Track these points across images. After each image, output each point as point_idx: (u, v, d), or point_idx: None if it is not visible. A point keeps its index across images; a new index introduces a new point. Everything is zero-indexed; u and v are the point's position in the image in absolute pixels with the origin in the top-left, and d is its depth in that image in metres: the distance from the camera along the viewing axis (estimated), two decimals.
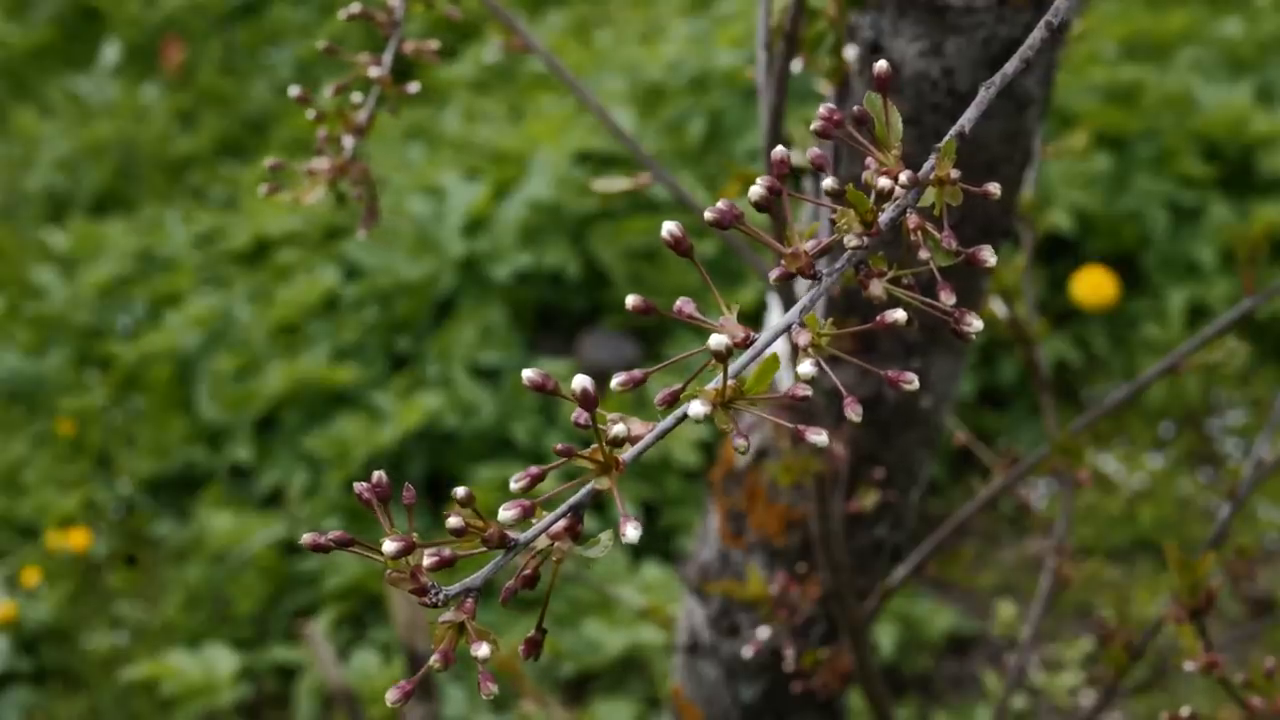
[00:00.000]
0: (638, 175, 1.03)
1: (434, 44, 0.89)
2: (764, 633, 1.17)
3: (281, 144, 3.34)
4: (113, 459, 2.65)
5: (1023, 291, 1.21)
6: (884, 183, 0.50)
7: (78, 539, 2.46)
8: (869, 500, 1.12)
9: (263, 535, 2.39)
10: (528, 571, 0.49)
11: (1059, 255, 2.74)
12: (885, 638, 2.24)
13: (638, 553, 2.42)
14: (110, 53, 3.76)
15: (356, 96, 0.87)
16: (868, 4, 0.96)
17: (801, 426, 0.48)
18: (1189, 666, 0.78)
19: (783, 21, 0.91)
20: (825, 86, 0.97)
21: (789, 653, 1.16)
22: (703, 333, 0.48)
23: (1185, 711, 0.82)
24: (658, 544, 2.44)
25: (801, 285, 0.51)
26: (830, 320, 0.50)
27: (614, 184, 1.05)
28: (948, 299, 0.50)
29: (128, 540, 2.56)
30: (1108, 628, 1.07)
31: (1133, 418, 2.66)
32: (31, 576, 2.43)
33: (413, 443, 2.49)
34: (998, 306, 1.20)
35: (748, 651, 1.18)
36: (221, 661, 2.26)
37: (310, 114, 0.84)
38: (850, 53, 0.97)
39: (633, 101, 2.92)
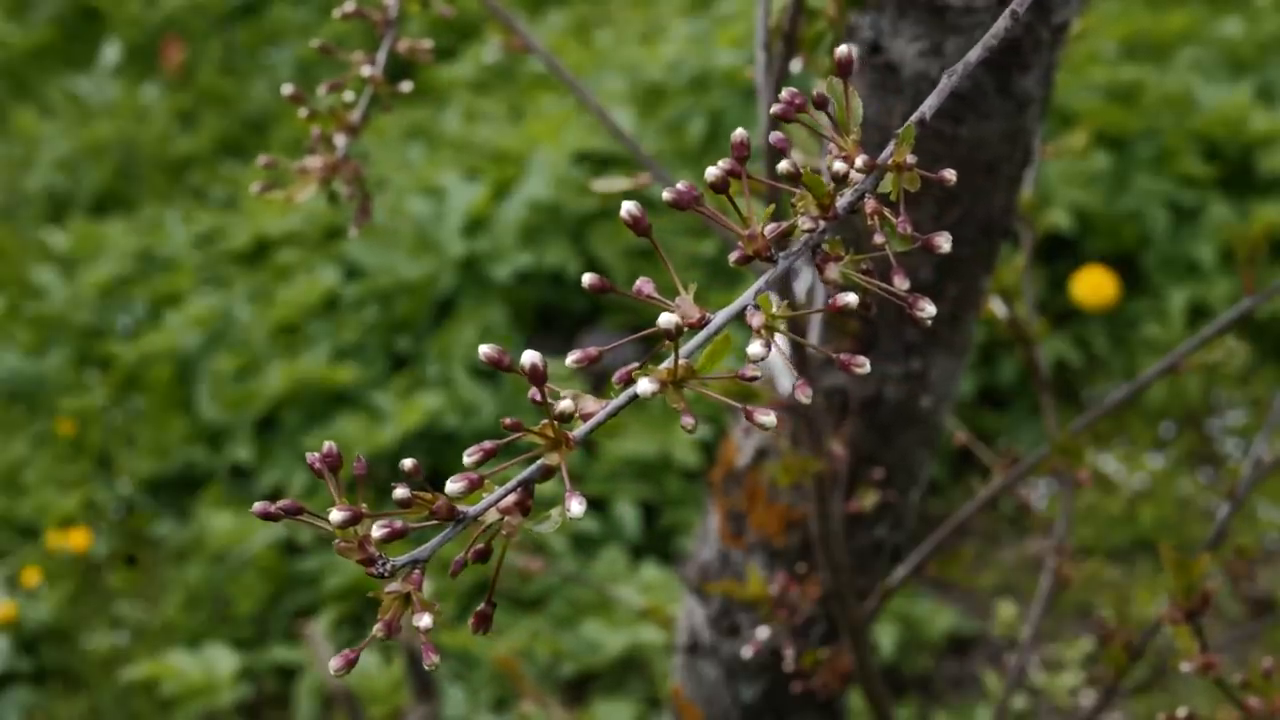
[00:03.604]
0: (637, 175, 1.03)
1: (428, 43, 0.89)
2: (764, 633, 1.17)
3: (282, 144, 3.34)
4: (113, 459, 2.65)
5: (1023, 291, 1.21)
6: (839, 166, 0.50)
7: (78, 539, 2.46)
8: (869, 500, 1.12)
9: (263, 535, 2.39)
10: (480, 546, 0.49)
11: (1059, 255, 2.74)
12: (885, 638, 2.24)
13: (638, 553, 2.42)
14: (110, 53, 3.76)
15: (349, 95, 0.87)
16: (867, 4, 0.96)
17: (750, 407, 0.48)
18: (1185, 667, 0.78)
19: (782, 22, 0.91)
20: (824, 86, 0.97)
21: (789, 653, 1.16)
22: None
23: (1183, 712, 0.82)
24: (658, 544, 2.44)
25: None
26: (786, 303, 0.50)
27: (614, 184, 1.05)
28: (901, 284, 0.50)
29: (128, 540, 2.56)
30: (1108, 628, 1.07)
31: (1133, 418, 2.66)
32: (31, 576, 2.43)
33: (413, 443, 2.49)
34: (998, 306, 1.20)
35: (748, 651, 1.18)
36: (221, 661, 2.26)
37: (302, 112, 0.84)
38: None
39: (633, 101, 2.92)
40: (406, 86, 0.87)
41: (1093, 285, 2.61)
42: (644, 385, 0.48)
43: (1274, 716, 0.78)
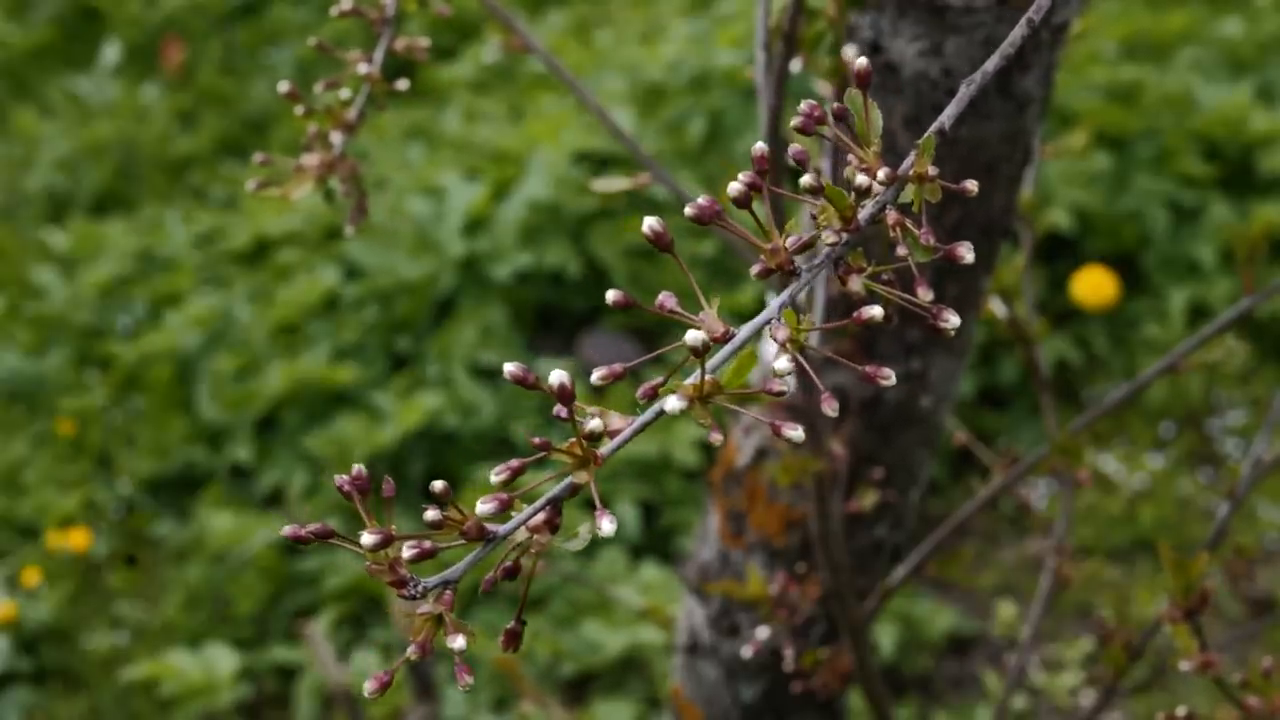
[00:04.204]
0: (637, 175, 1.03)
1: (424, 41, 0.89)
2: (764, 633, 1.17)
3: (282, 144, 3.34)
4: (113, 459, 2.65)
5: (1022, 291, 1.21)
6: (862, 179, 0.50)
7: (78, 539, 2.46)
8: (868, 500, 1.12)
9: (263, 535, 2.39)
10: (508, 564, 0.49)
11: (1059, 255, 2.74)
12: (885, 638, 2.24)
13: (638, 553, 2.42)
14: (110, 53, 3.76)
15: (345, 93, 0.87)
16: (867, 4, 0.96)
17: (778, 421, 0.48)
18: (1184, 667, 0.78)
19: (782, 21, 0.91)
20: (825, 87, 0.97)
21: (789, 653, 1.16)
22: None
23: (1182, 712, 0.82)
24: (658, 544, 2.44)
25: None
26: (809, 315, 0.50)
27: (613, 184, 1.05)
28: (925, 295, 0.50)
29: (128, 540, 2.56)
30: (1108, 628, 1.07)
31: (1133, 418, 2.66)
32: (31, 576, 2.43)
33: (413, 443, 2.49)
34: (997, 306, 1.20)
35: (748, 651, 1.18)
36: (221, 661, 2.26)
37: (299, 110, 0.84)
38: (850, 53, 0.97)
39: (633, 101, 2.92)
40: (403, 85, 0.87)
41: (1093, 285, 2.61)
42: (673, 402, 0.48)
43: (1274, 716, 0.78)
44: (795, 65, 0.94)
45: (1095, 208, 2.72)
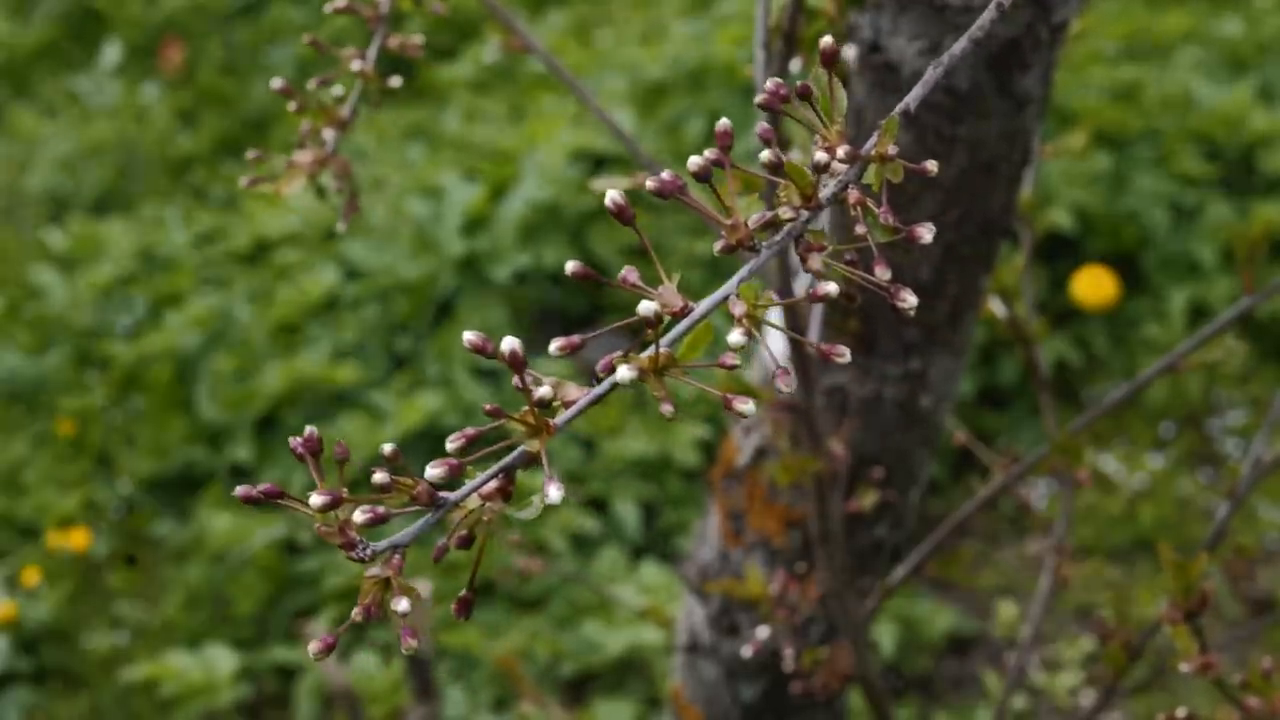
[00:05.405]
0: (636, 175, 1.03)
1: (418, 39, 0.89)
2: (764, 632, 1.17)
3: (282, 143, 3.34)
4: (113, 459, 2.65)
5: (1022, 291, 1.21)
6: (821, 156, 0.50)
7: (78, 539, 2.46)
8: (868, 500, 1.12)
9: (263, 535, 2.39)
10: (463, 532, 0.49)
11: (1059, 255, 2.74)
12: (885, 638, 2.24)
13: (638, 553, 2.42)
14: (110, 53, 3.76)
15: (338, 90, 0.87)
16: (867, 3, 0.96)
17: (729, 395, 0.48)
18: (1184, 668, 0.78)
19: (781, 20, 0.91)
20: None
21: (789, 652, 1.16)
22: None
23: (1182, 712, 0.81)
24: (658, 544, 2.44)
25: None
26: (768, 292, 0.50)
27: (612, 184, 1.05)
28: (883, 274, 0.50)
29: (128, 540, 2.56)
30: (1108, 628, 1.07)
31: (1133, 418, 2.66)
32: (31, 576, 2.43)
33: (413, 442, 2.49)
34: (997, 306, 1.19)
35: (747, 651, 1.18)
36: (221, 661, 2.26)
37: (291, 106, 0.85)
38: (849, 52, 0.97)
39: (632, 101, 2.92)
40: (395, 82, 0.87)
41: (1093, 285, 2.60)
42: (623, 372, 0.48)
43: (1274, 717, 0.78)
44: (795, 64, 0.94)
45: (1095, 208, 2.72)
